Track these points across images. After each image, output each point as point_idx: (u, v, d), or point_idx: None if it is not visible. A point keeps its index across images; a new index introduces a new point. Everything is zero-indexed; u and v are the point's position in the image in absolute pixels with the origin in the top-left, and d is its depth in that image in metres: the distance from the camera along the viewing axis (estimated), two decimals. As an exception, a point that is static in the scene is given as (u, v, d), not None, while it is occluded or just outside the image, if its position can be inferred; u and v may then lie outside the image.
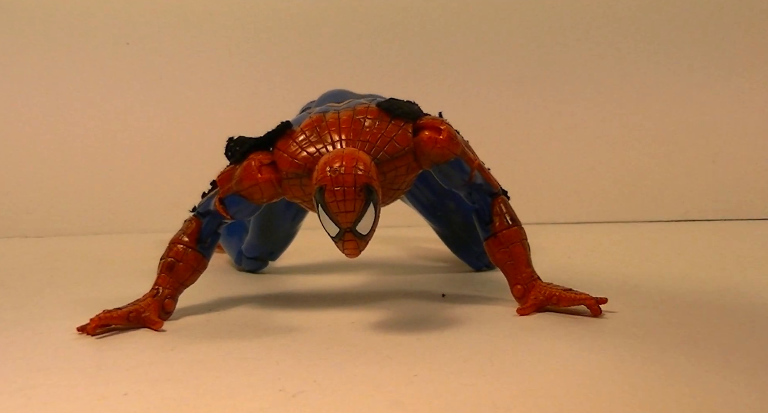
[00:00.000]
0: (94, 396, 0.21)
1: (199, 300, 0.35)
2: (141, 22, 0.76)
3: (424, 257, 0.51)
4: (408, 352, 0.25)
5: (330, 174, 0.27)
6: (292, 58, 0.78)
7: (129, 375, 0.23)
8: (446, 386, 0.21)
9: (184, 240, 0.32)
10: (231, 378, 0.23)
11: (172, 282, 0.32)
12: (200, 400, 0.21)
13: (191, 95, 0.77)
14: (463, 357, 0.25)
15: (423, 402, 0.20)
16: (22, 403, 0.21)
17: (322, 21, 0.78)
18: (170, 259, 0.32)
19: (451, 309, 0.33)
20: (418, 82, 0.76)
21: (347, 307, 0.34)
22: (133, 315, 0.30)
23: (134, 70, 0.76)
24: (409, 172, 0.30)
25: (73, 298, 0.36)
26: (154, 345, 0.28)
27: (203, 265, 0.33)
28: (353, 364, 0.24)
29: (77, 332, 0.29)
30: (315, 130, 0.30)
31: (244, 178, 0.30)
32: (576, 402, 0.20)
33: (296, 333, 0.29)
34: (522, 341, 0.27)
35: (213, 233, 0.33)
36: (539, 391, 0.21)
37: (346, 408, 0.20)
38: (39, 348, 0.27)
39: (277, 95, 0.75)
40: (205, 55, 0.77)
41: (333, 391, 0.21)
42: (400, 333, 0.28)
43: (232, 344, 0.27)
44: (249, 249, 0.44)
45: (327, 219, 0.27)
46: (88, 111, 0.75)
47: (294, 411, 0.20)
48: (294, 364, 0.24)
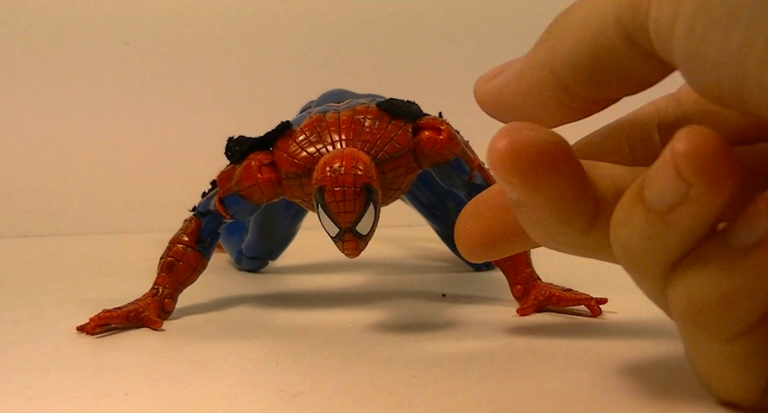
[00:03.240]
0: (94, 396, 0.21)
1: (199, 299, 0.35)
2: (141, 22, 0.76)
3: (424, 257, 0.51)
4: (408, 352, 0.25)
5: (330, 174, 0.27)
6: (292, 58, 0.78)
7: (129, 375, 0.23)
8: (446, 387, 0.21)
9: (183, 240, 0.32)
10: (231, 378, 0.23)
11: (172, 282, 0.32)
12: (200, 400, 0.21)
13: (191, 95, 0.76)
14: (463, 357, 0.25)
15: (423, 403, 0.20)
16: (22, 403, 0.21)
17: (322, 21, 0.78)
18: (170, 259, 0.32)
19: (451, 309, 0.33)
20: (418, 82, 0.76)
21: (347, 307, 0.34)
22: (132, 314, 0.30)
23: (134, 70, 0.76)
24: (408, 172, 0.30)
25: (74, 298, 0.36)
26: (155, 344, 0.28)
27: (203, 265, 0.32)
28: (353, 365, 0.24)
29: (77, 331, 0.29)
30: (315, 129, 0.30)
31: (243, 178, 0.30)
32: (577, 402, 0.20)
33: (296, 333, 0.29)
34: (522, 341, 0.27)
35: (213, 233, 0.33)
36: (539, 392, 0.21)
37: (346, 408, 0.20)
38: (39, 348, 0.27)
39: (277, 95, 0.75)
40: (205, 55, 0.77)
41: (333, 392, 0.21)
42: (400, 333, 0.28)
43: (232, 344, 0.27)
44: (249, 248, 0.44)
45: (327, 220, 0.27)
46: (87, 110, 0.75)
47: (294, 412, 0.20)
48: (294, 364, 0.24)
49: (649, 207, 0.16)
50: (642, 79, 0.18)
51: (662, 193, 0.15)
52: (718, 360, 0.17)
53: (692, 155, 0.15)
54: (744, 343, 0.16)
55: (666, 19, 0.15)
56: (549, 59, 0.19)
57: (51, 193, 0.73)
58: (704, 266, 0.16)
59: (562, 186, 0.18)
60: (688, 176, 0.15)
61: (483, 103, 0.22)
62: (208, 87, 0.77)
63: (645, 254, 0.17)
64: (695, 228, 0.16)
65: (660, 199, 0.16)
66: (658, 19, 0.16)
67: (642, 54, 0.17)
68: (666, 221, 0.16)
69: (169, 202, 0.64)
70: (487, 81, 0.21)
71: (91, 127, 0.75)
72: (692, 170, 0.15)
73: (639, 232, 0.17)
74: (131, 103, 0.76)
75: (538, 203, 0.18)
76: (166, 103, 0.76)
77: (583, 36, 0.18)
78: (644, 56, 0.17)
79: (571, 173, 0.18)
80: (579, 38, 0.18)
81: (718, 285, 0.15)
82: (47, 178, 0.74)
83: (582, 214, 0.18)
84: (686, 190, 0.15)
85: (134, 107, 0.76)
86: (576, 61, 0.18)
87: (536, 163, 0.17)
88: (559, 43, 0.18)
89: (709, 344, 0.17)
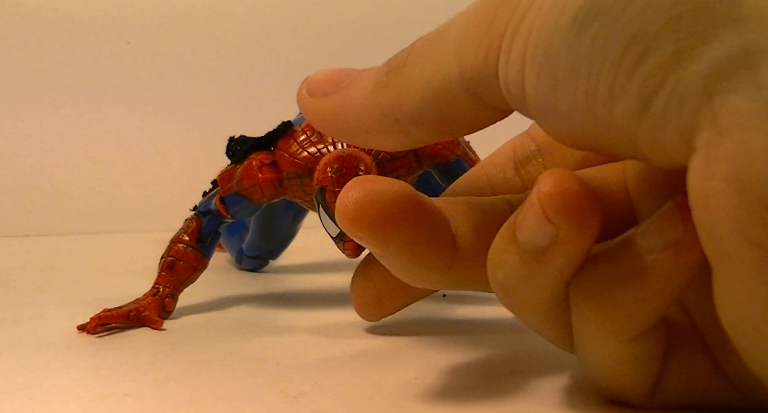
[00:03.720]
0: (94, 396, 0.21)
1: (199, 299, 0.35)
2: (141, 21, 0.76)
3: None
4: (408, 353, 0.25)
5: (331, 174, 0.27)
6: (293, 58, 0.78)
7: (130, 375, 0.23)
8: (446, 388, 0.21)
9: (184, 239, 0.32)
10: (232, 378, 0.23)
11: (173, 281, 0.32)
12: (201, 400, 0.21)
13: (192, 94, 0.76)
14: (463, 358, 0.25)
15: (424, 405, 0.20)
16: (23, 403, 0.21)
17: (323, 21, 0.78)
18: (170, 258, 0.32)
19: (451, 309, 0.33)
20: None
21: (347, 307, 0.33)
22: (133, 314, 0.30)
23: (135, 69, 0.76)
24: (409, 172, 0.30)
25: (74, 297, 0.36)
26: (155, 344, 0.28)
27: (204, 264, 0.32)
28: (353, 365, 0.24)
29: (78, 331, 0.29)
30: (316, 130, 0.30)
31: (244, 178, 0.30)
32: (578, 403, 0.20)
33: (297, 334, 0.29)
34: (523, 342, 0.27)
35: (213, 232, 0.33)
36: (540, 393, 0.21)
37: (347, 410, 0.20)
38: (39, 348, 0.27)
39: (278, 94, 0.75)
40: (206, 54, 0.77)
41: (333, 393, 0.21)
42: (400, 333, 0.28)
43: (232, 344, 0.27)
44: (249, 248, 0.44)
45: (327, 220, 0.27)
46: (88, 110, 0.75)
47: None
48: (294, 365, 0.24)
49: (523, 249, 0.17)
50: (485, 123, 0.19)
51: (533, 235, 0.16)
52: (617, 359, 0.18)
53: (557, 199, 0.16)
54: (642, 343, 0.17)
55: (514, 81, 0.16)
56: (391, 109, 0.19)
57: (51, 193, 0.73)
58: (613, 270, 0.17)
59: (413, 234, 0.19)
60: (556, 219, 0.16)
61: (312, 121, 0.22)
62: (209, 86, 0.77)
63: (524, 292, 0.18)
64: (570, 264, 0.17)
65: (532, 242, 0.16)
66: (507, 82, 0.17)
67: (488, 105, 0.18)
68: (540, 261, 0.17)
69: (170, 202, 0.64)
70: (315, 97, 0.22)
71: (91, 127, 0.75)
72: (559, 213, 0.16)
73: (515, 273, 0.18)
74: (132, 102, 0.76)
75: (392, 253, 0.19)
76: (166, 103, 0.76)
77: (428, 93, 0.19)
78: (490, 107, 0.18)
79: (421, 221, 0.19)
80: (424, 96, 0.19)
81: (629, 287, 0.16)
82: (47, 177, 0.74)
83: (440, 256, 0.19)
84: (555, 232, 0.16)
85: (135, 106, 0.76)
86: (420, 114, 0.19)
87: (382, 216, 0.18)
88: (402, 96, 0.19)
89: (610, 344, 0.17)
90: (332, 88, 0.21)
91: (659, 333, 0.17)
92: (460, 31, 0.18)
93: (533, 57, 0.16)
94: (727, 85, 0.13)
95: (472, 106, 0.18)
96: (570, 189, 0.16)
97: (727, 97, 0.13)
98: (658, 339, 0.17)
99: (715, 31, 0.13)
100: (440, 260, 0.20)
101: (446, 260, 0.20)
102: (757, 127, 0.13)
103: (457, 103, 0.18)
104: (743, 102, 0.13)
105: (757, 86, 0.13)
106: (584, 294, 0.17)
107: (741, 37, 0.13)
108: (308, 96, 0.22)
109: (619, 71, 0.14)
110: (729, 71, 0.13)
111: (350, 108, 0.21)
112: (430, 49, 0.19)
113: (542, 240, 0.16)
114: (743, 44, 0.13)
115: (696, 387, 0.18)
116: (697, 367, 0.18)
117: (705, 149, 0.13)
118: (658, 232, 0.16)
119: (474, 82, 0.18)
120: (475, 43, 0.17)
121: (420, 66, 0.19)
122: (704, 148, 0.13)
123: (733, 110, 0.13)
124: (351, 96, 0.21)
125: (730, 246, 0.14)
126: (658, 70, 0.14)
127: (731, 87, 0.13)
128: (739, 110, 0.13)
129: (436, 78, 0.18)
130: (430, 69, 0.18)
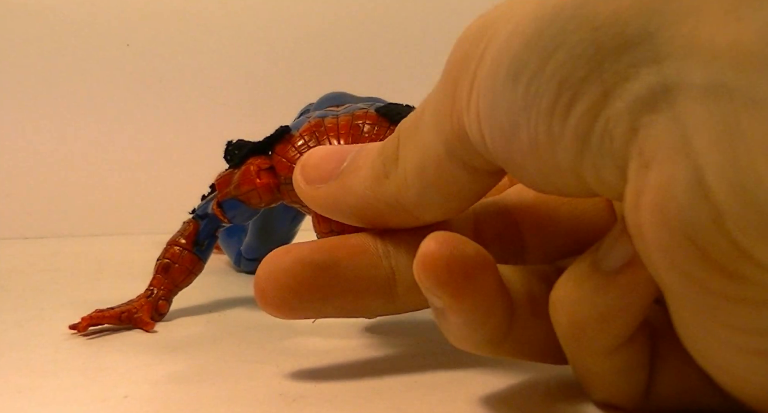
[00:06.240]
0: (94, 398, 0.21)
1: (198, 301, 0.35)
2: (141, 24, 0.76)
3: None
4: (408, 356, 0.26)
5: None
6: (292, 61, 0.78)
7: (129, 377, 0.24)
8: (447, 392, 0.22)
9: (180, 242, 0.32)
10: (231, 381, 0.23)
11: (167, 284, 0.32)
12: (200, 403, 0.21)
13: (191, 97, 0.77)
14: (464, 361, 0.25)
15: (424, 408, 0.20)
16: (23, 404, 0.21)
17: (322, 24, 0.78)
18: (166, 260, 0.32)
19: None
20: (418, 85, 0.76)
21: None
22: (125, 315, 0.30)
23: (134, 72, 0.76)
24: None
25: (74, 299, 0.36)
26: (154, 346, 0.28)
27: (199, 268, 0.33)
28: (354, 368, 0.24)
29: (69, 330, 0.29)
30: (314, 134, 0.30)
31: (242, 183, 0.30)
32: (578, 404, 0.20)
33: (296, 336, 0.29)
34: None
35: (210, 236, 0.33)
36: (541, 395, 0.21)
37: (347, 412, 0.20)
38: (39, 350, 0.27)
39: (277, 98, 0.75)
40: (205, 58, 0.77)
41: (333, 396, 0.21)
42: (400, 336, 0.29)
43: (232, 346, 0.27)
44: (248, 250, 0.44)
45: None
46: (87, 112, 0.75)
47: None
48: (294, 367, 0.24)
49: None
50: (485, 189, 0.20)
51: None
52: (601, 370, 0.18)
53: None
54: (623, 354, 0.18)
55: (477, 138, 0.17)
56: (396, 200, 0.20)
57: (51, 195, 0.73)
58: (580, 289, 0.17)
59: (489, 297, 0.18)
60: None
61: (314, 208, 0.23)
62: (208, 89, 0.77)
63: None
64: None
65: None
66: (475, 141, 0.17)
67: (480, 171, 0.19)
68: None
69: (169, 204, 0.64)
70: (313, 184, 0.22)
71: (90, 129, 0.75)
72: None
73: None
74: (131, 104, 0.76)
75: (463, 308, 0.18)
76: (166, 106, 0.76)
77: (426, 177, 0.19)
78: (482, 172, 0.19)
79: (492, 282, 0.19)
80: (423, 181, 0.19)
81: (595, 305, 0.17)
82: (47, 179, 0.74)
83: (500, 327, 0.19)
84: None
85: (134, 109, 0.76)
86: (425, 199, 0.20)
87: (464, 274, 0.18)
88: (404, 187, 0.20)
89: (591, 358, 0.18)
90: (328, 174, 0.22)
91: (640, 345, 0.18)
92: (433, 109, 0.19)
93: (483, 112, 0.17)
94: (648, 118, 0.13)
95: (467, 176, 0.19)
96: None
97: (649, 130, 0.13)
98: (639, 350, 0.18)
99: (638, 69, 0.13)
100: (499, 330, 0.19)
101: (504, 330, 0.19)
102: (675, 160, 0.13)
103: (454, 178, 0.19)
104: (663, 135, 0.13)
105: (675, 119, 0.13)
106: (561, 312, 0.18)
107: (660, 73, 0.13)
108: (306, 183, 0.22)
109: (553, 117, 0.15)
110: (650, 105, 0.13)
111: (352, 197, 0.21)
112: (414, 136, 0.20)
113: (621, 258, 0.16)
114: (662, 80, 0.13)
115: (688, 393, 0.18)
116: (688, 374, 0.18)
117: (634, 181, 0.14)
118: (613, 250, 0.16)
119: (458, 150, 0.18)
120: (447, 114, 0.18)
121: (411, 154, 0.19)
122: (633, 180, 0.14)
123: (655, 143, 0.13)
124: (350, 184, 0.21)
125: (666, 277, 0.14)
126: (589, 110, 0.14)
127: (652, 121, 0.13)
128: (660, 143, 0.13)
129: (428, 162, 0.19)
130: (421, 155, 0.19)
